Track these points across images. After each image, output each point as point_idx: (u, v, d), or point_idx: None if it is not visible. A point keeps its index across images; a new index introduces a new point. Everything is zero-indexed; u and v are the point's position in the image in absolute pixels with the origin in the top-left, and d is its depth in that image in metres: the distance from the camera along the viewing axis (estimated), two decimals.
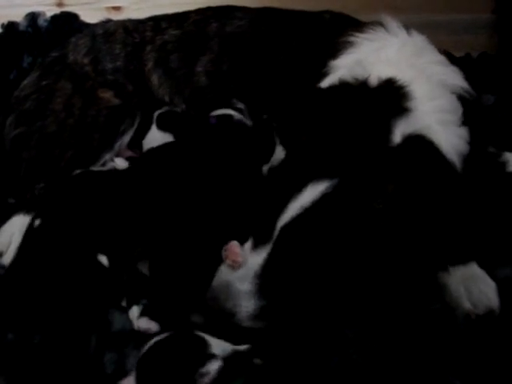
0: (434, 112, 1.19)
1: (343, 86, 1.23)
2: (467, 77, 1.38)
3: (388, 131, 1.09)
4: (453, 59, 1.48)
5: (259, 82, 1.65)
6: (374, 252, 1.05)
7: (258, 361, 1.04)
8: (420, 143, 1.11)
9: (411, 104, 1.16)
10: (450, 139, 1.18)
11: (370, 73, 1.22)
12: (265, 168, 1.37)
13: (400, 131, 1.10)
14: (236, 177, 1.32)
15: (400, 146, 1.09)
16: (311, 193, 1.04)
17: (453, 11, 2.30)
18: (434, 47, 1.42)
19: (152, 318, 1.17)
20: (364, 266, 1.06)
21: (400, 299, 1.17)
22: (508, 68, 2.10)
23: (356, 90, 1.20)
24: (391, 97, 1.17)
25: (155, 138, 1.60)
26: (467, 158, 1.21)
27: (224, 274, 1.12)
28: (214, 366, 0.97)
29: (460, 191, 1.13)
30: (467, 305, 1.14)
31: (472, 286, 1.16)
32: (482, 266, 1.20)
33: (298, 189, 1.05)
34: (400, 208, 1.03)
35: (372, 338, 1.12)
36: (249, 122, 1.58)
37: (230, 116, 1.57)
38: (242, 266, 1.10)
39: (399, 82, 1.20)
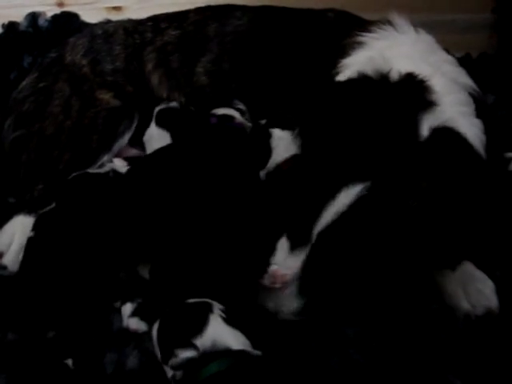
0: (455, 105, 1.19)
1: (364, 80, 1.22)
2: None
3: (416, 125, 1.10)
4: None
5: (261, 81, 1.65)
6: (407, 250, 1.06)
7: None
8: (448, 135, 1.11)
9: (434, 97, 1.16)
10: (472, 129, 1.18)
11: (389, 67, 1.21)
12: (262, 173, 1.37)
13: (427, 125, 1.10)
14: (234, 181, 1.31)
15: (429, 139, 1.09)
16: (346, 197, 1.05)
17: (452, 11, 2.30)
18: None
19: (142, 318, 1.18)
20: (393, 264, 1.08)
21: (400, 299, 1.17)
22: (508, 68, 2.10)
23: (377, 83, 1.19)
24: (415, 91, 1.17)
25: (153, 135, 1.60)
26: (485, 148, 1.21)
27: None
28: (185, 355, 0.99)
29: (488, 184, 1.14)
30: (466, 305, 1.14)
31: (470, 286, 1.17)
32: (480, 265, 1.21)
33: (331, 194, 1.06)
34: (434, 203, 1.04)
35: (372, 338, 1.13)
36: (250, 124, 1.57)
37: (232, 117, 1.56)
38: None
39: (420, 77, 1.20)
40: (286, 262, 1.14)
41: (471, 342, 1.11)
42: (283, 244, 1.15)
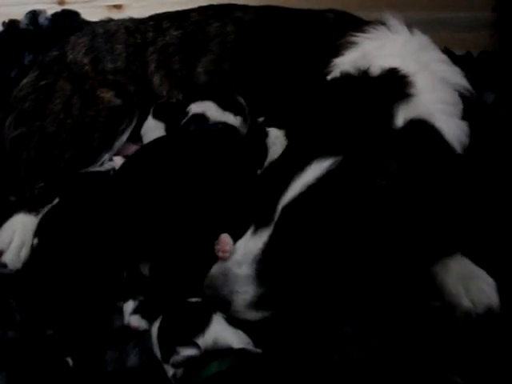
0: (436, 102, 1.18)
1: (345, 77, 1.23)
2: (468, 75, 1.38)
3: (391, 115, 1.10)
4: (453, 57, 1.48)
5: (261, 81, 1.65)
6: (375, 233, 1.04)
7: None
8: (422, 127, 1.11)
9: (414, 91, 1.16)
10: (451, 128, 1.17)
11: (373, 64, 1.22)
12: (259, 173, 1.37)
13: (403, 115, 1.10)
14: (231, 180, 1.31)
15: (403, 128, 1.09)
16: (315, 170, 1.03)
17: (453, 9, 2.29)
18: (436, 46, 1.42)
19: (144, 316, 1.18)
20: (365, 249, 1.04)
21: (399, 296, 1.17)
22: (508, 66, 2.09)
23: (358, 79, 1.20)
24: (394, 83, 1.17)
25: (149, 126, 1.62)
26: (467, 150, 1.20)
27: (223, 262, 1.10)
28: (186, 352, 0.99)
29: (460, 175, 1.13)
30: (467, 303, 1.14)
31: (471, 284, 1.16)
32: (481, 263, 1.21)
33: (300, 168, 1.04)
34: (402, 187, 1.03)
35: (372, 336, 1.13)
36: (248, 122, 1.58)
37: (205, 118, 1.54)
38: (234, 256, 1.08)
39: (402, 72, 1.20)
40: (247, 244, 1.09)
41: (471, 340, 1.11)
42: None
